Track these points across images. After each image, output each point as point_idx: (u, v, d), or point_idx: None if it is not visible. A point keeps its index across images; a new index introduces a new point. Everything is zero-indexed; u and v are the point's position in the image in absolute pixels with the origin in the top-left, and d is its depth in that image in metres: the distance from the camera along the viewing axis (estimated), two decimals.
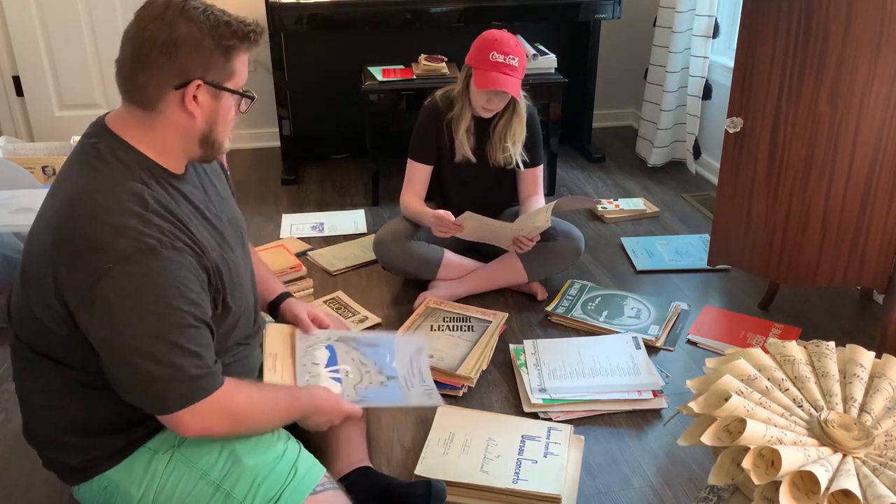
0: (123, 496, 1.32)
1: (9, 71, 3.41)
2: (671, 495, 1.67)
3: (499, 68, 2.22)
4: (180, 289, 1.18)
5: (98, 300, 1.13)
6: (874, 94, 1.90)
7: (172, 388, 1.18)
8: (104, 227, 1.13)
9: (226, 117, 1.28)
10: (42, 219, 1.23)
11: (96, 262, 1.12)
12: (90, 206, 1.15)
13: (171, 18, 1.18)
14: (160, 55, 1.18)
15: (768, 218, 2.12)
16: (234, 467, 1.31)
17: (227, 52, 1.22)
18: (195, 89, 1.21)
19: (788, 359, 1.60)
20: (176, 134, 1.25)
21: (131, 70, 1.21)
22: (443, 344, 2.07)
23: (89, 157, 1.21)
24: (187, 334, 1.18)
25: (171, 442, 1.32)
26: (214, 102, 1.24)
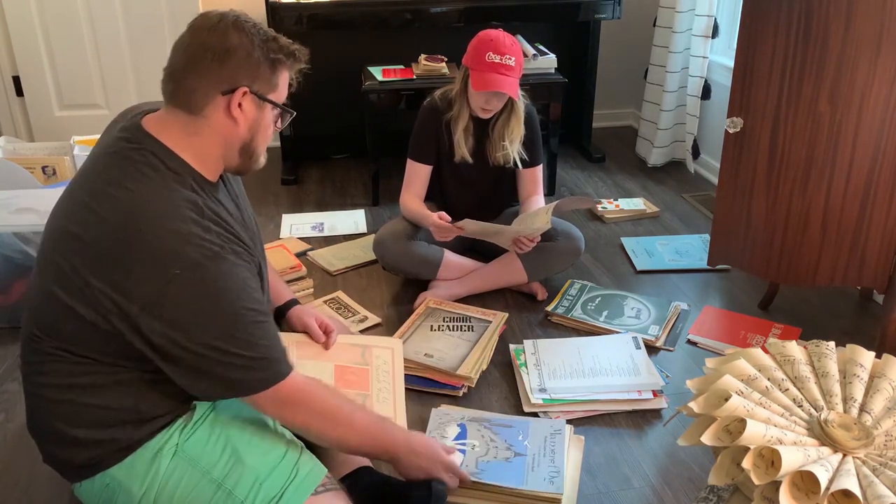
0: (125, 494, 1.32)
1: (9, 71, 3.40)
2: (671, 495, 1.67)
3: (495, 69, 2.22)
4: (246, 290, 1.25)
5: (169, 305, 1.18)
6: (874, 94, 1.90)
7: (248, 373, 1.25)
8: (168, 234, 1.18)
9: (267, 129, 1.35)
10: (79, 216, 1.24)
11: (163, 269, 1.17)
12: (150, 214, 1.19)
13: (224, 28, 1.25)
14: (212, 61, 1.25)
15: (768, 218, 2.12)
16: (236, 467, 1.31)
17: (273, 65, 1.30)
18: (241, 96, 1.27)
19: (788, 359, 1.60)
20: (218, 140, 1.30)
21: (182, 74, 1.26)
22: (443, 344, 2.07)
23: (137, 164, 1.24)
24: (258, 330, 1.26)
25: (174, 441, 1.33)
26: (258, 112, 1.31)
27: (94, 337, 1.24)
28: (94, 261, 1.20)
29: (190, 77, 1.26)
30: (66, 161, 2.70)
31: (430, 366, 1.98)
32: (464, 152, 2.36)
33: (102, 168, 1.28)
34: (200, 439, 1.34)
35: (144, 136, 1.28)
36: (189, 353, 1.21)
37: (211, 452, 1.32)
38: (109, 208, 1.21)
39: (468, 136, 2.36)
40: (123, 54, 3.35)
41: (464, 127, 2.35)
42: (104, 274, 1.19)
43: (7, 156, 2.70)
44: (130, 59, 3.37)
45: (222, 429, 1.36)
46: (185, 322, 1.20)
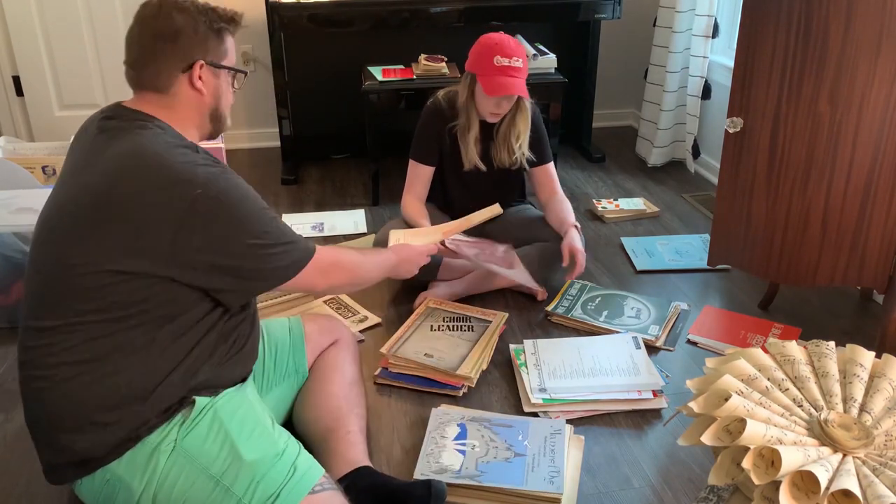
0: (125, 490, 1.32)
1: (9, 71, 3.40)
2: (671, 495, 1.67)
3: (505, 72, 2.21)
4: (256, 196, 1.39)
5: (199, 221, 1.28)
6: (874, 94, 1.90)
7: (289, 257, 1.41)
8: (175, 165, 1.29)
9: (227, 92, 1.49)
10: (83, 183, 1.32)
11: (182, 194, 1.27)
12: (152, 152, 1.30)
13: (167, 12, 1.38)
14: (165, 44, 1.37)
15: (768, 218, 2.12)
16: (234, 463, 1.32)
17: (219, 34, 1.43)
18: (199, 69, 1.40)
19: (788, 359, 1.60)
20: (190, 112, 1.44)
21: (143, 62, 1.40)
22: (443, 344, 2.07)
23: (127, 129, 1.35)
24: (277, 222, 1.41)
25: (173, 436, 1.33)
26: (215, 80, 1.45)
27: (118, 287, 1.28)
28: (107, 209, 1.27)
29: (150, 63, 1.39)
30: None
31: (430, 366, 1.98)
32: (475, 161, 2.35)
33: (91, 147, 1.36)
34: (199, 435, 1.34)
35: (127, 110, 1.40)
36: (232, 257, 1.32)
37: (209, 449, 1.33)
38: (110, 164, 1.31)
39: (478, 145, 2.36)
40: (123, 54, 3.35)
41: (475, 136, 2.33)
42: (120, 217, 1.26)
43: (7, 156, 2.70)
44: None
45: (221, 425, 1.36)
46: (220, 233, 1.30)
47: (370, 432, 1.79)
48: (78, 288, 1.28)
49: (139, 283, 1.28)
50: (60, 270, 1.29)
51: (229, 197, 1.31)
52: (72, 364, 1.30)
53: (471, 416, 1.82)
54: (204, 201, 1.28)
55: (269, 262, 1.38)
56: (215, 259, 1.31)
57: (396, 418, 1.90)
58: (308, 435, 1.66)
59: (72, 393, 1.31)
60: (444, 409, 1.88)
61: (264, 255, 1.36)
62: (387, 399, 1.97)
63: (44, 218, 1.37)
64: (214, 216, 1.29)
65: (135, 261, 1.26)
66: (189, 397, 1.37)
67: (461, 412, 1.85)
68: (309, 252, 1.46)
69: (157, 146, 1.31)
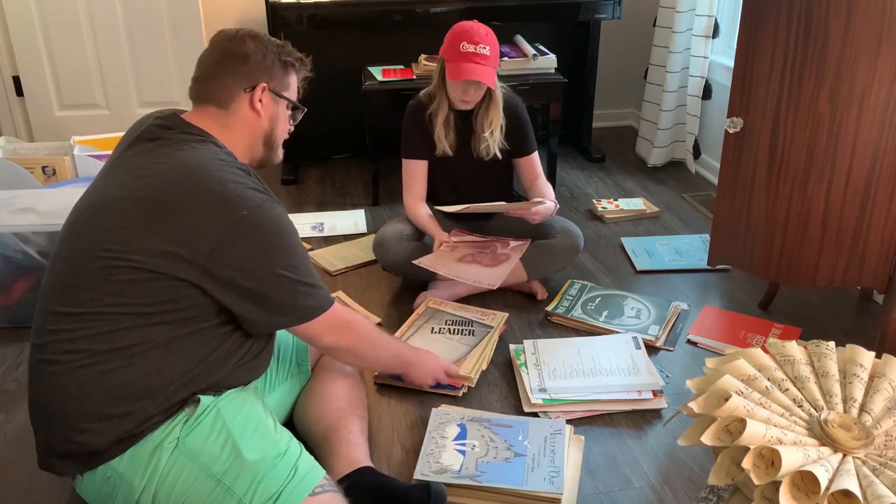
0: (126, 487, 1.33)
1: (9, 71, 3.40)
2: (671, 495, 1.67)
3: (470, 58, 2.23)
4: (296, 232, 1.44)
5: (239, 240, 1.33)
6: (874, 93, 1.90)
7: (312, 299, 1.45)
8: (229, 184, 1.35)
9: (283, 123, 1.58)
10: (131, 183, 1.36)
11: (230, 211, 1.32)
12: (207, 168, 1.36)
13: (241, 38, 1.50)
14: (234, 63, 1.48)
15: (768, 218, 2.12)
16: (236, 463, 1.32)
17: (284, 67, 1.54)
18: (261, 92, 1.49)
19: (788, 359, 1.60)
20: (245, 131, 1.51)
21: (210, 76, 1.49)
22: (441, 347, 2.06)
23: (183, 140, 1.41)
24: (309, 263, 1.46)
25: (175, 434, 1.34)
26: (275, 106, 1.54)
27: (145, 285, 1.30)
28: (153, 210, 1.31)
29: (217, 78, 1.48)
30: (66, 161, 2.69)
31: None
32: (444, 146, 2.37)
33: (146, 149, 1.41)
34: (202, 434, 1.34)
35: (183, 122, 1.46)
36: (259, 283, 1.36)
37: (211, 448, 1.33)
38: (165, 168, 1.36)
39: (448, 129, 2.37)
40: (123, 54, 3.35)
41: (443, 119, 2.35)
42: (165, 221, 1.31)
43: (7, 156, 2.70)
44: (130, 59, 3.37)
45: (223, 425, 1.36)
46: (255, 256, 1.35)
47: (370, 432, 1.79)
48: (111, 279, 1.30)
49: (171, 283, 1.31)
50: (96, 259, 1.31)
51: (272, 224, 1.37)
52: (90, 352, 1.31)
53: (471, 416, 1.82)
54: (248, 222, 1.33)
55: (292, 298, 1.42)
56: (243, 280, 1.35)
57: (396, 418, 1.90)
58: (309, 435, 1.66)
59: (85, 381, 1.31)
60: (444, 409, 1.88)
61: (289, 289, 1.41)
62: (387, 399, 1.97)
63: (83, 207, 1.40)
64: (254, 238, 1.34)
65: (171, 263, 1.30)
66: (194, 395, 1.38)
67: (461, 412, 1.85)
68: (329, 302, 1.49)
69: (213, 163, 1.38)
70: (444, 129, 2.36)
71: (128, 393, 1.32)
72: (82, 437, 1.32)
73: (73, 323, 1.32)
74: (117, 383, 1.32)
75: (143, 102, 3.41)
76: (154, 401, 1.33)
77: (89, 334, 1.31)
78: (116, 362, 1.31)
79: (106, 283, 1.30)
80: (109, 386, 1.31)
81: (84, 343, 1.31)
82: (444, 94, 2.34)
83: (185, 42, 3.33)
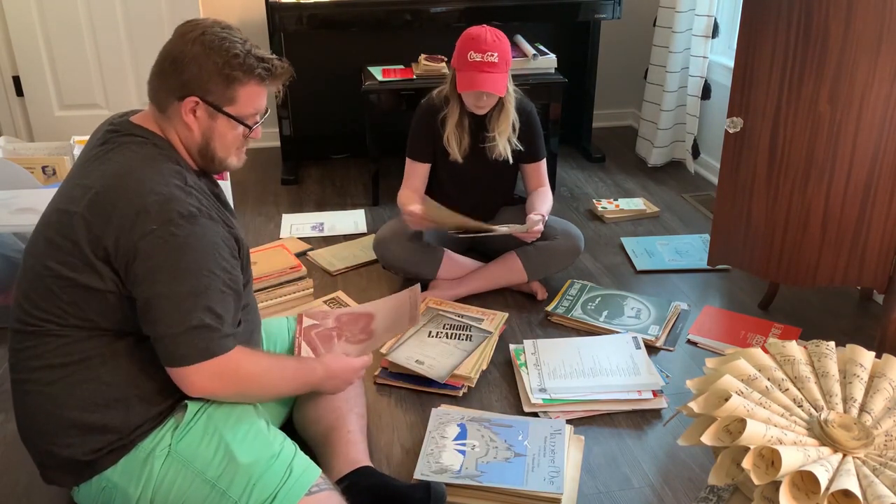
0: (122, 496, 1.32)
1: (9, 71, 3.40)
2: (671, 495, 1.67)
3: (478, 68, 2.22)
4: (215, 255, 1.31)
5: (140, 256, 1.25)
6: (874, 93, 1.90)
7: (186, 343, 1.27)
8: (150, 194, 1.27)
9: (223, 137, 1.41)
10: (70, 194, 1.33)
11: (142, 224, 1.25)
12: (135, 177, 1.29)
13: (189, 39, 1.34)
14: (170, 68, 1.36)
15: (768, 218, 2.12)
16: (230, 466, 1.32)
17: (228, 80, 1.36)
18: (193, 104, 1.36)
19: (788, 359, 1.60)
20: (180, 140, 1.40)
21: (153, 75, 1.39)
22: (437, 351, 2.06)
23: (125, 144, 1.36)
24: (215, 297, 1.30)
25: (167, 441, 1.33)
26: (210, 121, 1.39)
27: (90, 300, 1.28)
28: (83, 224, 1.27)
29: (156, 78, 1.39)
30: (66, 161, 2.70)
31: (418, 372, 1.98)
32: (455, 153, 2.36)
33: (91, 156, 1.37)
34: (193, 440, 1.34)
35: (130, 124, 1.40)
36: (149, 305, 1.27)
37: (204, 453, 1.33)
38: (97, 177, 1.31)
39: (463, 134, 2.36)
40: (123, 54, 3.35)
41: (454, 124, 2.34)
42: (92, 233, 1.27)
43: (7, 156, 2.70)
44: (130, 59, 3.37)
45: (215, 429, 1.36)
46: (154, 275, 1.26)
47: (370, 432, 1.79)
48: (57, 294, 1.30)
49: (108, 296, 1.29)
50: (40, 278, 1.31)
51: (178, 242, 1.27)
52: (55, 367, 1.31)
53: (471, 416, 1.82)
54: (152, 238, 1.26)
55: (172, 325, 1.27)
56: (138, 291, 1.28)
57: (396, 418, 1.90)
58: (309, 435, 1.66)
59: (56, 396, 1.31)
60: (444, 409, 1.88)
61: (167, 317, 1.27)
62: (387, 399, 1.97)
63: (41, 221, 1.38)
64: (148, 255, 1.26)
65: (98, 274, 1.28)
66: (181, 401, 1.37)
67: (461, 412, 1.85)
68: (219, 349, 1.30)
69: (141, 170, 1.31)
70: (458, 133, 2.36)
71: (100, 404, 1.31)
72: (67, 452, 1.33)
73: (32, 340, 1.32)
74: (87, 396, 1.31)
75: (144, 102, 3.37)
76: (130, 410, 1.33)
77: (49, 349, 1.31)
78: (81, 374, 1.31)
79: (54, 299, 1.30)
80: (80, 399, 1.31)
81: (47, 359, 1.31)
82: (456, 101, 2.34)
83: None
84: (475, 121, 2.37)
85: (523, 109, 2.39)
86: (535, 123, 2.44)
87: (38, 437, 1.36)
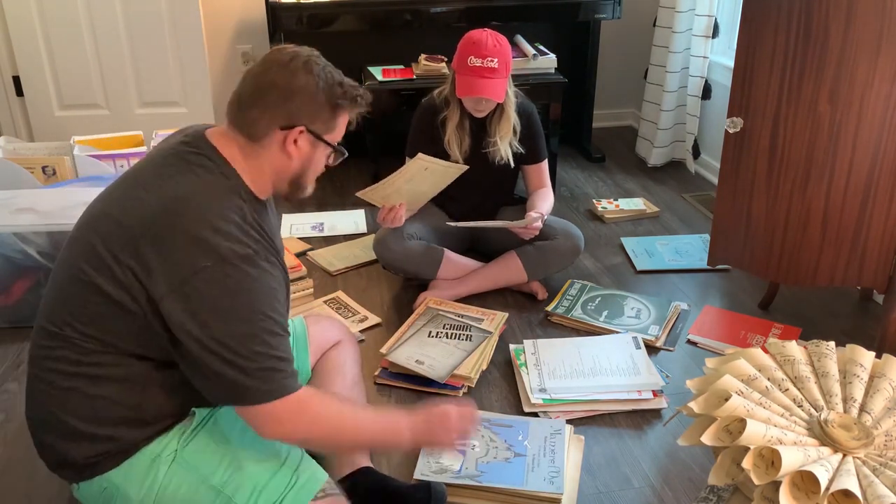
0: (122, 499, 1.32)
1: (9, 71, 3.40)
2: (671, 495, 1.67)
3: (478, 73, 2.22)
4: (270, 299, 1.26)
5: (193, 294, 1.20)
6: (874, 93, 1.90)
7: (254, 385, 1.23)
8: (208, 227, 1.22)
9: (318, 165, 1.41)
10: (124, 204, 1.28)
11: (195, 258, 1.20)
12: (195, 205, 1.24)
13: (294, 68, 1.32)
14: (277, 98, 1.31)
15: (768, 218, 2.12)
16: (236, 473, 1.31)
17: (334, 110, 1.36)
18: (298, 134, 1.33)
19: (788, 359, 1.60)
20: (272, 168, 1.35)
21: (248, 103, 1.32)
22: (437, 351, 2.06)
23: (192, 164, 1.30)
24: (273, 341, 1.25)
25: (173, 447, 1.32)
26: (311, 150, 1.37)
27: (116, 318, 1.25)
28: (130, 239, 1.23)
29: (254, 107, 1.32)
30: (66, 161, 2.69)
31: (418, 372, 1.98)
32: (456, 155, 2.36)
33: (156, 165, 1.33)
34: (200, 445, 1.33)
35: (205, 143, 1.33)
36: (201, 346, 1.21)
37: (210, 459, 1.32)
38: (155, 195, 1.26)
39: (463, 136, 2.37)
40: (123, 54, 3.35)
41: (455, 126, 2.35)
42: (137, 252, 1.22)
43: (7, 156, 2.70)
44: (130, 59, 3.37)
45: (222, 435, 1.35)
46: (204, 315, 1.20)
47: None
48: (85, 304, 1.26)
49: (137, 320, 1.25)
50: (75, 281, 1.28)
51: (234, 285, 1.22)
52: (68, 374, 1.29)
53: None
54: (206, 274, 1.20)
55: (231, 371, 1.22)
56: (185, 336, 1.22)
57: None
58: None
59: (68, 399, 1.30)
60: None
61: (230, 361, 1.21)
62: (387, 399, 1.97)
63: (88, 217, 1.34)
64: (201, 296, 1.20)
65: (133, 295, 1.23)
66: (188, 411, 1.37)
67: None
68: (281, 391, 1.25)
69: (203, 202, 1.25)
70: (458, 135, 2.36)
71: (109, 418, 1.30)
72: (72, 453, 1.32)
73: (52, 341, 1.30)
74: (94, 407, 1.30)
75: (143, 102, 3.41)
76: (135, 429, 1.31)
77: (65, 356, 1.29)
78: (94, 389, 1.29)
79: (83, 309, 1.26)
80: (88, 406, 1.30)
81: (62, 364, 1.29)
82: (456, 104, 2.34)
83: (185, 42, 3.32)
84: (476, 123, 2.37)
85: (524, 112, 2.40)
86: (536, 125, 2.44)
87: (45, 433, 1.35)
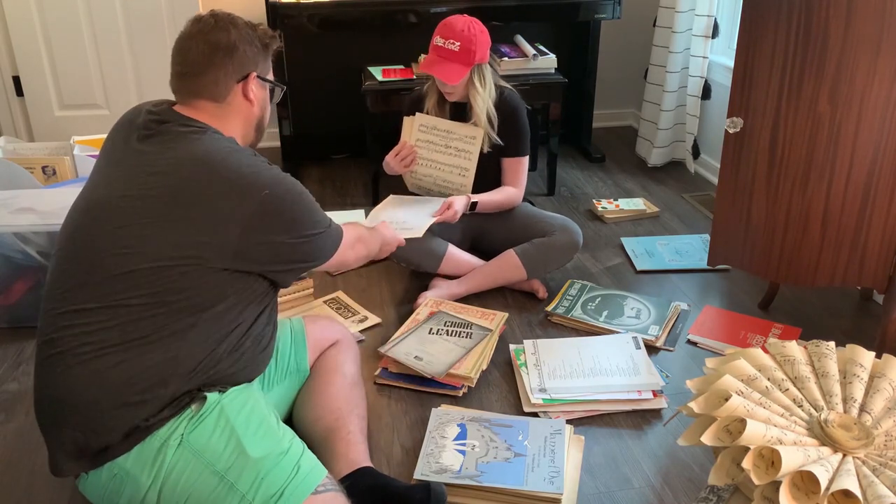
0: (132, 484, 1.33)
1: (9, 71, 3.40)
2: (671, 495, 1.67)
3: (437, 52, 2.31)
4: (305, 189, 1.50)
5: (266, 218, 1.39)
6: (874, 94, 1.90)
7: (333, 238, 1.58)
8: (242, 167, 1.39)
9: (268, 105, 1.61)
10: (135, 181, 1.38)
11: (252, 194, 1.37)
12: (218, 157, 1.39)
13: (223, 26, 1.48)
14: (224, 56, 1.47)
15: (768, 218, 2.12)
16: (239, 459, 1.33)
17: (266, 50, 1.55)
18: (252, 81, 1.51)
19: (788, 359, 1.60)
20: (240, 121, 1.53)
21: (199, 70, 1.47)
22: (436, 348, 2.06)
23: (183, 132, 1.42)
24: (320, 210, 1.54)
25: (181, 431, 1.34)
26: (263, 92, 1.57)
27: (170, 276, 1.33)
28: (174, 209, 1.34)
29: (208, 72, 1.46)
30: (66, 161, 2.69)
31: (416, 369, 1.98)
32: None
33: (146, 145, 1.41)
34: (205, 431, 1.35)
35: (180, 116, 1.46)
36: (293, 248, 1.45)
37: (215, 445, 1.34)
38: (174, 164, 1.38)
39: (443, 115, 2.45)
40: (123, 54, 3.35)
41: (434, 103, 2.44)
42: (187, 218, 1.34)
43: (7, 156, 2.70)
44: (130, 59, 3.37)
45: (227, 421, 1.37)
46: (284, 226, 1.42)
47: (370, 432, 1.79)
48: (131, 274, 1.32)
49: (192, 271, 1.34)
50: (112, 257, 1.33)
51: (292, 195, 1.43)
52: (108, 343, 1.32)
53: (471, 416, 1.82)
54: (271, 200, 1.38)
55: (319, 246, 1.53)
56: (278, 250, 1.42)
57: (396, 418, 1.90)
58: (309, 435, 1.66)
59: (101, 370, 1.32)
60: (444, 409, 1.88)
61: (317, 242, 1.51)
62: (387, 399, 1.97)
63: (90, 206, 1.40)
64: (280, 212, 1.40)
65: (200, 253, 1.34)
66: (202, 391, 1.38)
67: (461, 412, 1.85)
68: (341, 232, 1.62)
69: (220, 151, 1.40)
70: (437, 114, 2.45)
71: (143, 379, 1.32)
72: (94, 426, 1.32)
73: (89, 317, 1.32)
74: (133, 371, 1.32)
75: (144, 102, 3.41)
76: (167, 388, 1.34)
77: (107, 326, 1.32)
78: (134, 352, 1.32)
79: (126, 278, 1.32)
80: (126, 374, 1.32)
81: (101, 335, 1.32)
82: (432, 83, 2.44)
83: None
84: (455, 107, 2.44)
85: (508, 105, 2.42)
86: (520, 121, 2.45)
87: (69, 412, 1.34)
